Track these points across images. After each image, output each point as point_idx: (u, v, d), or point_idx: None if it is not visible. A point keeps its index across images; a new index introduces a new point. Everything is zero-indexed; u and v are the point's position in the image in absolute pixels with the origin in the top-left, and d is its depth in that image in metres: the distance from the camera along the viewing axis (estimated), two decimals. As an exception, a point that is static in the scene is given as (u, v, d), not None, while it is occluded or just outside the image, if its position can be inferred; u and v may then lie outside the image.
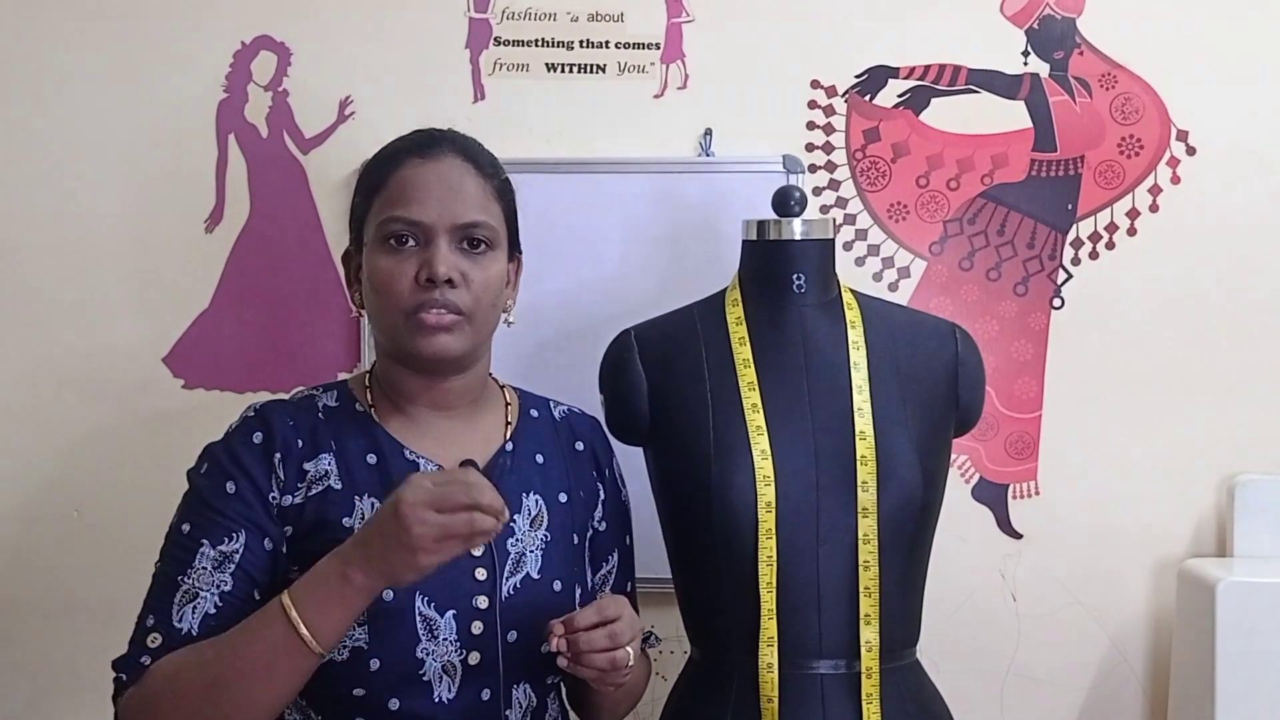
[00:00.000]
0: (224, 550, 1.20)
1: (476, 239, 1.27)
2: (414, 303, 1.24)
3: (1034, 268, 1.87)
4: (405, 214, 1.26)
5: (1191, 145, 1.86)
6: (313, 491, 1.24)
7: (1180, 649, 1.79)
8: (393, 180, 1.28)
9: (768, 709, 1.38)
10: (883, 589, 1.40)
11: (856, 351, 1.46)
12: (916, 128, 1.86)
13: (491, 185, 1.30)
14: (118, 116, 1.85)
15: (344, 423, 1.29)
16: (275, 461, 1.24)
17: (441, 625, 1.23)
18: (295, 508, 1.23)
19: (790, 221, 1.50)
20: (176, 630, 1.18)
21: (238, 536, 1.21)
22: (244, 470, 1.23)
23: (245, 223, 1.86)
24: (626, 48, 1.86)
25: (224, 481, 1.23)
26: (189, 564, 1.20)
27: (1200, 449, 1.86)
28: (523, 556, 1.30)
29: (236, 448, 1.25)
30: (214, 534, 1.21)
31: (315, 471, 1.25)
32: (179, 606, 1.19)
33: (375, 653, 1.20)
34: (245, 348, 1.86)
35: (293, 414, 1.28)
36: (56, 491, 1.86)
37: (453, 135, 1.33)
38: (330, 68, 1.85)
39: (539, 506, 1.33)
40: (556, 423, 1.41)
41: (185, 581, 1.20)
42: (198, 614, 1.19)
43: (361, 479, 1.26)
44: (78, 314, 1.86)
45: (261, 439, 1.25)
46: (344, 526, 1.24)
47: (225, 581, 1.20)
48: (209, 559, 1.20)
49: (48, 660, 1.87)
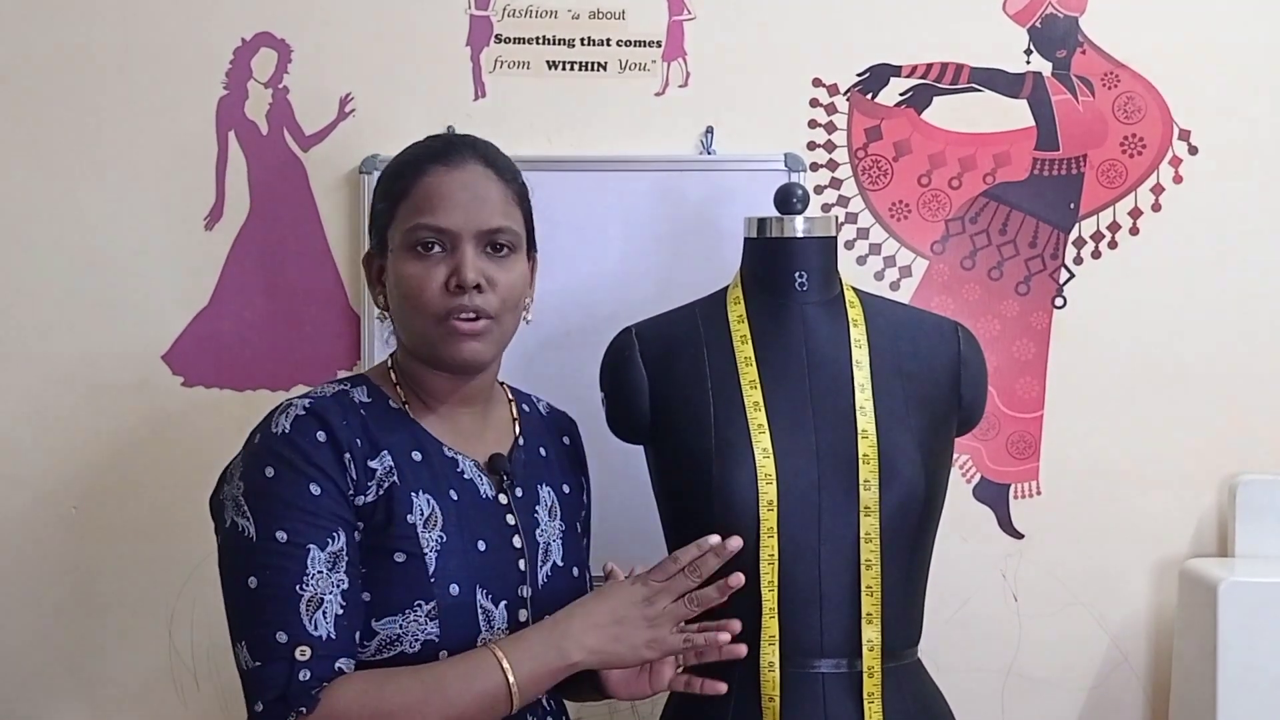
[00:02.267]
0: (332, 551, 1.21)
1: (500, 243, 1.30)
2: (444, 308, 1.27)
3: (1036, 267, 1.87)
4: (432, 221, 1.28)
5: (1194, 144, 1.86)
6: (382, 489, 1.25)
7: (1181, 649, 1.78)
8: (417, 188, 1.29)
9: (769, 708, 1.38)
10: (884, 588, 1.39)
11: (859, 350, 1.46)
12: (918, 126, 1.86)
13: (512, 190, 1.33)
14: (117, 113, 1.84)
15: (385, 420, 1.30)
16: (346, 461, 1.24)
17: (496, 615, 1.27)
18: (369, 506, 1.24)
19: (792, 219, 1.49)
20: (318, 639, 1.18)
21: (339, 535, 1.22)
22: (322, 470, 1.23)
23: (245, 220, 1.85)
24: (628, 45, 1.86)
25: (306, 483, 1.22)
26: (302, 571, 1.19)
27: (1202, 449, 1.86)
28: (549, 546, 1.35)
29: (305, 447, 1.23)
30: (317, 537, 1.21)
31: (382, 469, 1.26)
32: (309, 615, 1.19)
33: (445, 645, 1.24)
34: (245, 345, 1.85)
35: (342, 413, 1.27)
36: (55, 489, 1.86)
37: (473, 141, 1.35)
38: (331, 65, 1.85)
39: (552, 497, 1.38)
40: (544, 418, 1.45)
41: (305, 589, 1.19)
42: (329, 618, 1.19)
43: (413, 476, 1.28)
44: (76, 311, 1.85)
45: (326, 438, 1.24)
46: (407, 522, 1.25)
47: (342, 580, 1.21)
48: (321, 562, 1.20)
49: (46, 657, 1.87)
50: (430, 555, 1.24)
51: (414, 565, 1.24)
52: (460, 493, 1.29)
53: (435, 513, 1.26)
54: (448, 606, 1.24)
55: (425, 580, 1.23)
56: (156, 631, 1.86)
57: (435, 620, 1.23)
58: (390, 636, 1.23)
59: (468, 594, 1.25)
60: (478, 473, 1.31)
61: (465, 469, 1.31)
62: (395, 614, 1.23)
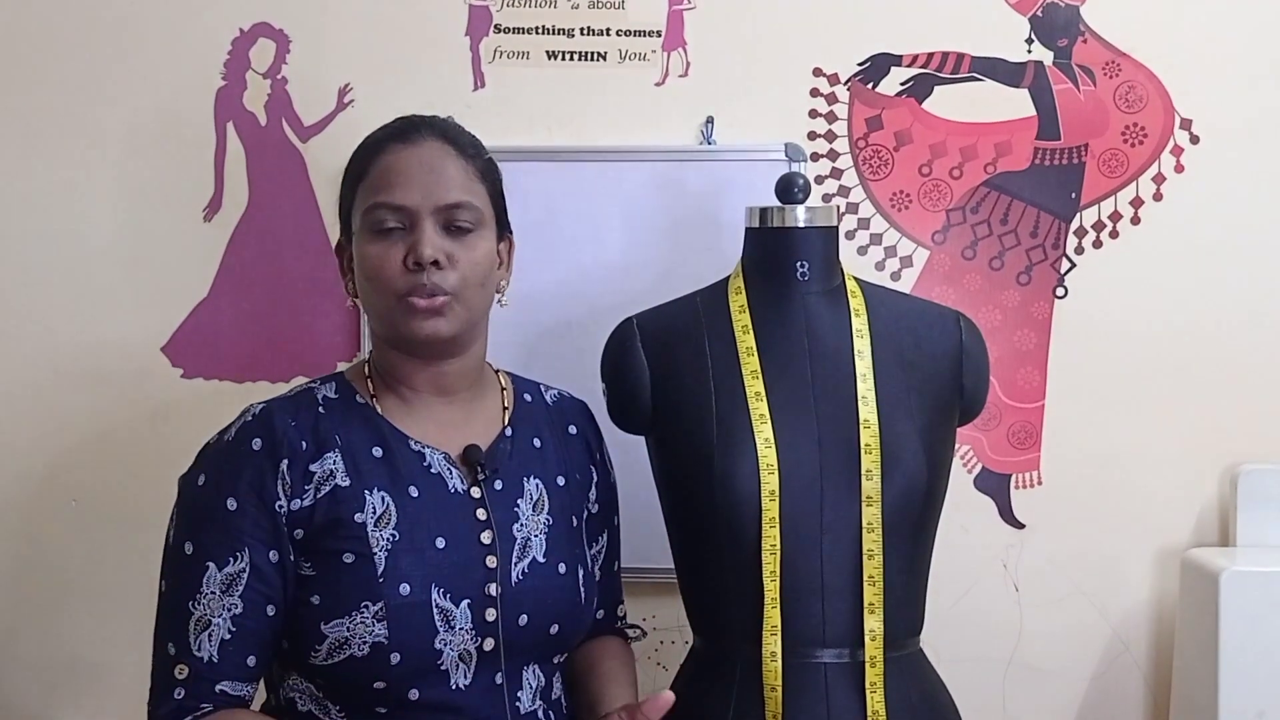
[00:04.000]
0: (230, 572, 1.21)
1: (460, 220, 1.28)
2: (404, 286, 1.25)
3: (1037, 257, 1.86)
4: (389, 199, 1.26)
5: (1195, 133, 1.85)
6: (321, 492, 1.24)
7: (1183, 638, 1.78)
8: (374, 168, 1.29)
9: (771, 698, 1.38)
10: (887, 578, 1.39)
11: (860, 339, 1.46)
12: (919, 116, 1.85)
13: (474, 166, 1.31)
14: (115, 104, 1.83)
15: (346, 416, 1.29)
16: (282, 468, 1.23)
17: (457, 615, 1.24)
18: (305, 510, 1.23)
19: (794, 208, 1.49)
20: (199, 660, 1.20)
21: (242, 556, 1.21)
22: (244, 483, 1.22)
23: (244, 211, 1.85)
24: (627, 35, 1.85)
25: (224, 499, 1.22)
26: (196, 588, 1.21)
27: (1203, 438, 1.85)
28: (528, 541, 1.31)
29: (236, 458, 1.24)
30: (218, 555, 1.21)
31: (321, 472, 1.24)
32: (195, 635, 1.21)
33: (395, 647, 1.21)
34: (244, 337, 1.85)
35: (293, 413, 1.27)
36: (54, 481, 1.85)
37: (432, 120, 1.33)
38: (329, 55, 1.84)
39: (540, 491, 1.34)
40: (549, 407, 1.42)
41: (196, 608, 1.21)
42: (214, 641, 1.21)
43: (369, 473, 1.26)
44: (75, 303, 1.85)
45: (262, 445, 1.24)
46: (355, 522, 1.24)
47: (235, 605, 1.21)
48: (216, 582, 1.21)
49: (45, 650, 1.87)
50: (380, 555, 1.22)
51: (362, 565, 1.22)
52: (422, 489, 1.26)
53: (389, 510, 1.24)
54: (396, 607, 1.21)
55: (374, 580, 1.21)
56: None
57: (383, 621, 1.20)
58: (338, 640, 1.21)
59: (420, 593, 1.22)
60: (447, 466, 1.29)
61: (433, 462, 1.28)
62: (342, 616, 1.21)
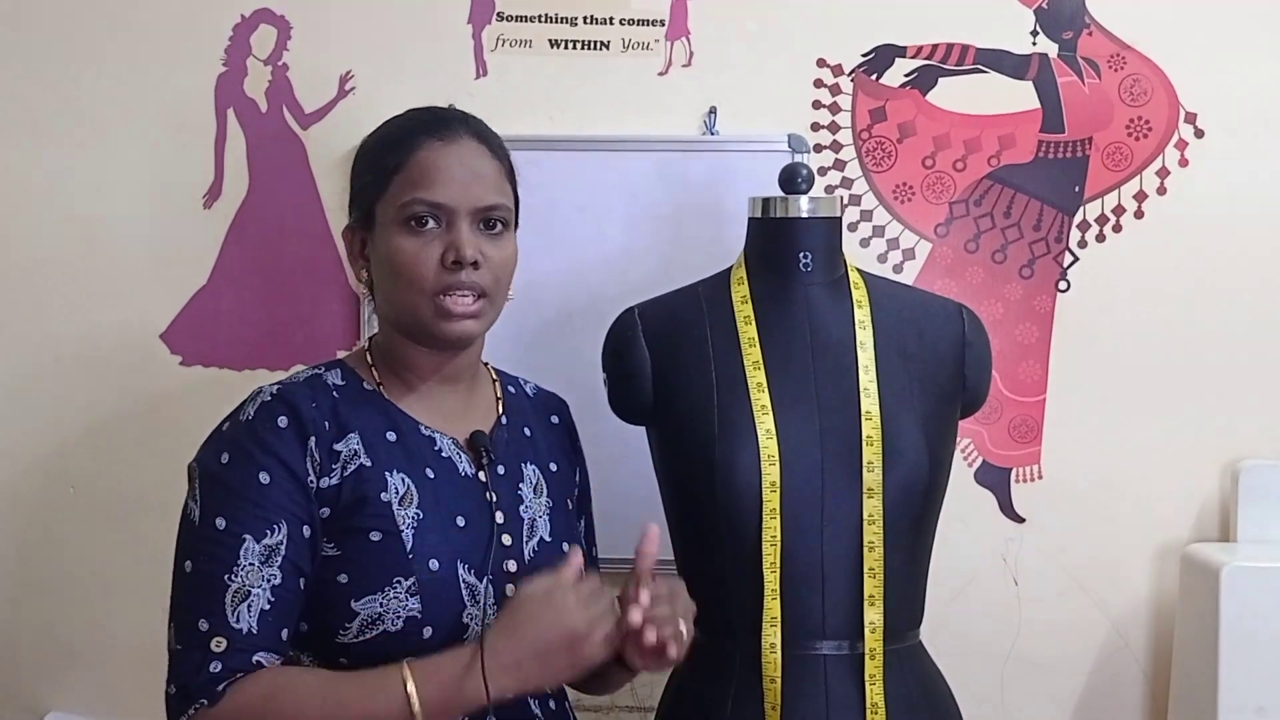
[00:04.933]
0: (268, 543, 1.21)
1: (494, 220, 1.30)
2: (439, 285, 1.26)
3: (1040, 250, 1.86)
4: (429, 196, 1.27)
5: (1200, 128, 1.84)
6: (347, 471, 1.25)
7: (1182, 634, 1.78)
8: (412, 161, 1.29)
9: (770, 689, 1.38)
10: (887, 570, 1.39)
11: (863, 331, 1.45)
12: (923, 108, 1.85)
13: (504, 166, 1.34)
14: (115, 90, 1.83)
15: (357, 402, 1.30)
16: (310, 445, 1.24)
17: (481, 591, 1.26)
18: (333, 489, 1.24)
19: (797, 199, 1.48)
20: (238, 631, 1.19)
21: (280, 528, 1.21)
22: (277, 457, 1.23)
23: (244, 199, 1.84)
24: (631, 24, 1.84)
25: (256, 472, 1.22)
26: (234, 561, 1.20)
27: (1205, 433, 1.85)
28: (535, 522, 1.34)
29: (264, 434, 1.24)
30: (255, 527, 1.21)
31: (347, 451, 1.26)
32: (233, 606, 1.19)
33: (429, 620, 1.23)
34: (243, 325, 1.84)
35: (312, 395, 1.28)
36: (52, 469, 1.85)
37: (464, 116, 1.34)
38: (330, 42, 1.83)
39: (537, 475, 1.37)
40: (530, 399, 1.45)
41: (234, 580, 1.20)
42: (254, 612, 1.20)
43: (386, 455, 1.28)
44: (74, 290, 1.84)
45: (288, 423, 1.24)
46: (381, 501, 1.25)
47: (274, 575, 1.20)
48: (254, 554, 1.21)
49: (43, 637, 1.86)
50: (407, 532, 1.24)
51: (391, 543, 1.23)
52: (437, 470, 1.29)
53: (411, 490, 1.26)
54: (428, 582, 1.23)
55: (403, 557, 1.23)
56: (156, 612, 1.84)
57: (416, 596, 1.23)
58: (371, 616, 1.22)
59: (448, 569, 1.24)
60: (456, 450, 1.31)
61: (443, 447, 1.30)
62: (375, 593, 1.22)
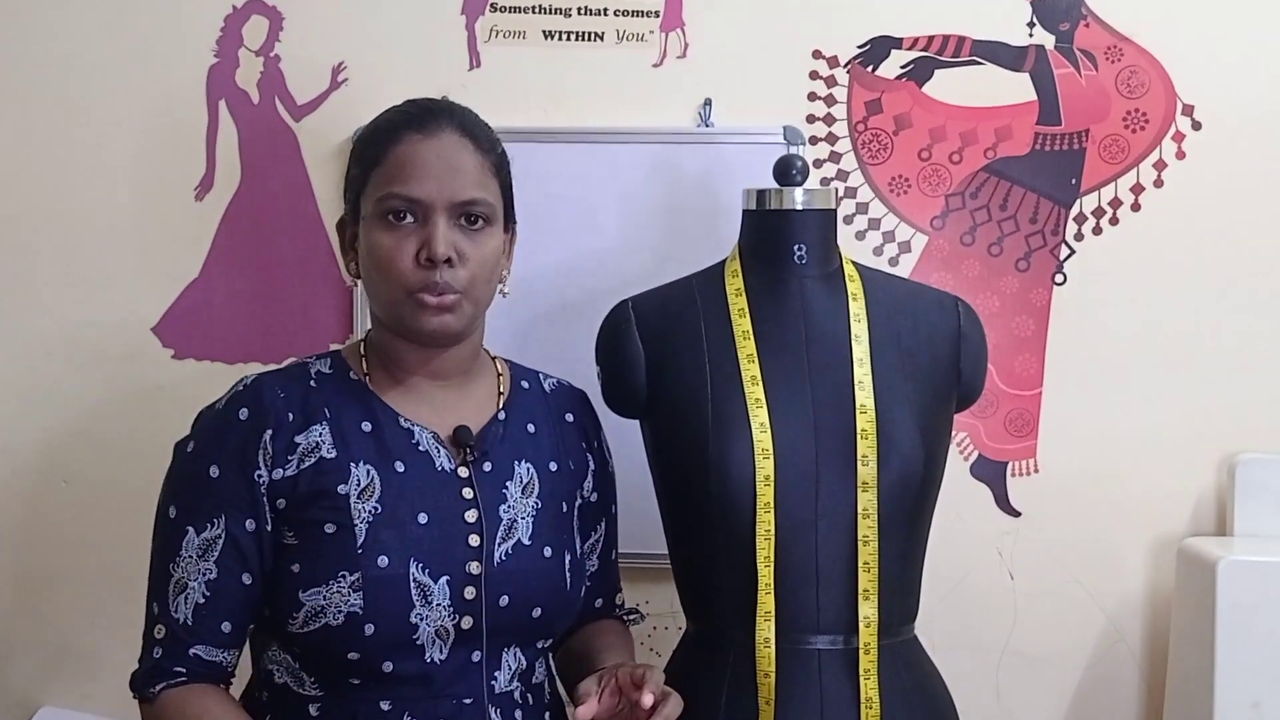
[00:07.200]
0: (207, 537, 1.24)
1: (474, 215, 1.28)
2: (415, 282, 1.26)
3: (1036, 243, 1.85)
4: (404, 191, 1.26)
5: (1197, 120, 1.84)
6: (304, 464, 1.26)
7: (1179, 628, 1.78)
8: (390, 155, 1.28)
9: (764, 684, 1.37)
10: (882, 564, 1.39)
11: (858, 324, 1.44)
12: (919, 100, 1.84)
13: (489, 160, 1.31)
14: (107, 82, 1.82)
15: (338, 390, 1.31)
16: (265, 437, 1.25)
17: (435, 591, 1.24)
18: (287, 480, 1.25)
19: (792, 191, 1.48)
20: (175, 621, 1.24)
21: (218, 523, 1.24)
22: (226, 451, 1.25)
23: (236, 190, 1.83)
24: (625, 15, 1.83)
25: (207, 466, 1.25)
26: (177, 551, 1.25)
27: (1201, 427, 1.85)
28: (514, 523, 1.31)
29: (222, 427, 1.26)
30: (197, 520, 1.25)
31: (306, 444, 1.26)
32: (173, 597, 1.24)
33: (370, 618, 1.22)
34: (236, 317, 1.84)
35: (284, 385, 1.29)
36: (44, 462, 1.84)
37: (450, 108, 1.33)
38: (323, 33, 1.82)
39: (530, 474, 1.34)
40: (547, 394, 1.42)
41: (176, 571, 1.24)
42: (189, 604, 1.24)
43: (356, 446, 1.28)
44: (66, 283, 1.83)
45: (248, 414, 1.26)
46: (339, 494, 1.25)
47: (210, 570, 1.24)
48: (194, 546, 1.24)
49: (37, 631, 1.86)
50: (360, 526, 1.24)
51: (343, 536, 1.24)
52: (409, 464, 1.28)
53: (374, 484, 1.26)
54: (373, 578, 1.22)
55: (352, 551, 1.23)
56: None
57: (359, 592, 1.22)
58: (315, 608, 1.22)
59: (398, 567, 1.23)
60: (435, 444, 1.30)
61: (421, 440, 1.29)
62: (320, 585, 1.23)
